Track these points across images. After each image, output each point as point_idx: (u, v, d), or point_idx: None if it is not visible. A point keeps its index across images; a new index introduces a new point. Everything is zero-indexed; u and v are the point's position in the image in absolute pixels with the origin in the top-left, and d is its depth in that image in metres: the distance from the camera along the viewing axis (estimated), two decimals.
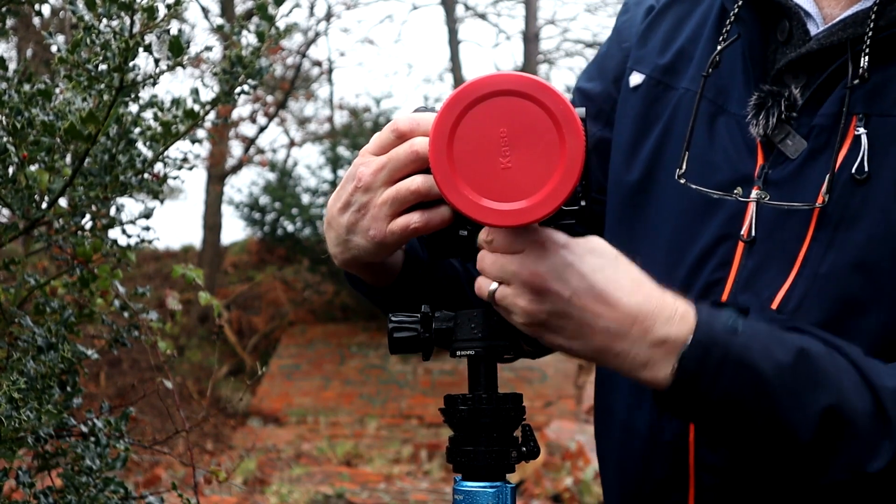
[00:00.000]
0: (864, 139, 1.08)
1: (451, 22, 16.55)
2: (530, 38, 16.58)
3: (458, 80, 16.28)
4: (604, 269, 1.00)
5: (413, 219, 1.07)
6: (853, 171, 1.08)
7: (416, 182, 1.06)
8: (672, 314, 1.01)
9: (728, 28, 1.20)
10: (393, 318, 1.11)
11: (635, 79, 1.30)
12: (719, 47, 1.19)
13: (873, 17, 1.09)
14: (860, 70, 1.08)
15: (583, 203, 1.03)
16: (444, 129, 0.96)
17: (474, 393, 1.07)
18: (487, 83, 0.96)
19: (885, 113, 1.09)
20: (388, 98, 21.86)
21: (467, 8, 17.59)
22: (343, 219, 1.12)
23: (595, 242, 1.02)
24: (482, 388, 1.08)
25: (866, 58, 1.08)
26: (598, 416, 1.33)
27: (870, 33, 1.09)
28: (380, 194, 1.08)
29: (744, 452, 1.07)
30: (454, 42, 16.40)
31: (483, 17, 17.77)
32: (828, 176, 1.09)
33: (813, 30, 1.16)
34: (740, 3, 1.19)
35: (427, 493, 8.16)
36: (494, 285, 1.01)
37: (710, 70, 1.19)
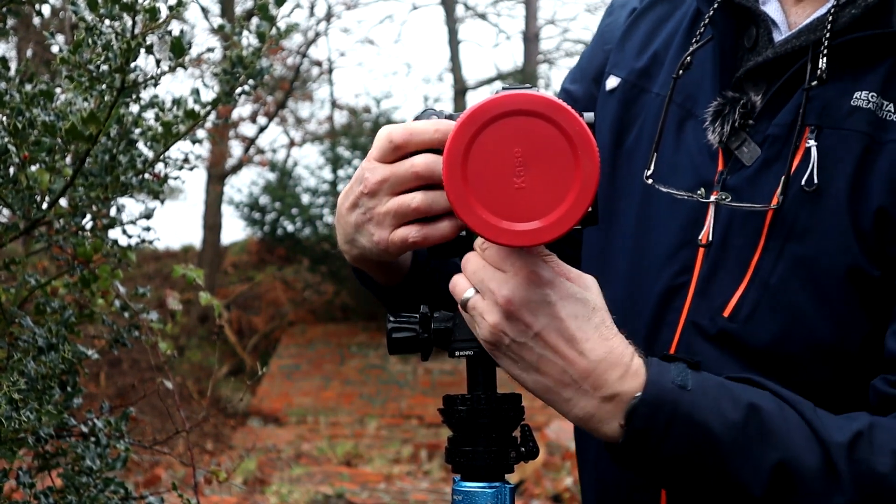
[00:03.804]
0: (814, 151, 1.09)
1: (451, 22, 16.55)
2: (530, 38, 16.59)
3: (458, 80, 16.28)
4: (577, 317, 1.00)
5: (411, 233, 1.07)
6: (803, 182, 1.09)
7: (417, 200, 1.06)
8: (625, 371, 1.00)
9: (702, 30, 1.20)
10: (392, 319, 1.11)
11: (611, 82, 1.31)
12: (692, 48, 1.20)
13: (830, 20, 1.10)
14: (818, 71, 1.09)
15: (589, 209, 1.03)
16: (458, 147, 0.95)
17: (473, 393, 1.07)
18: (503, 103, 0.95)
19: (836, 126, 1.09)
20: (387, 98, 21.87)
21: (467, 8, 17.61)
22: (351, 217, 1.12)
23: (581, 285, 1.02)
24: (481, 388, 1.08)
25: (824, 59, 1.08)
26: None
27: (827, 34, 1.09)
28: (384, 202, 1.08)
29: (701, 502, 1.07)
30: (454, 42, 16.40)
31: (483, 17, 17.79)
32: (783, 178, 1.09)
33: (777, 38, 1.17)
34: (715, 6, 1.19)
35: (427, 493, 8.16)
36: (471, 292, 1.02)
37: (681, 72, 1.20)
